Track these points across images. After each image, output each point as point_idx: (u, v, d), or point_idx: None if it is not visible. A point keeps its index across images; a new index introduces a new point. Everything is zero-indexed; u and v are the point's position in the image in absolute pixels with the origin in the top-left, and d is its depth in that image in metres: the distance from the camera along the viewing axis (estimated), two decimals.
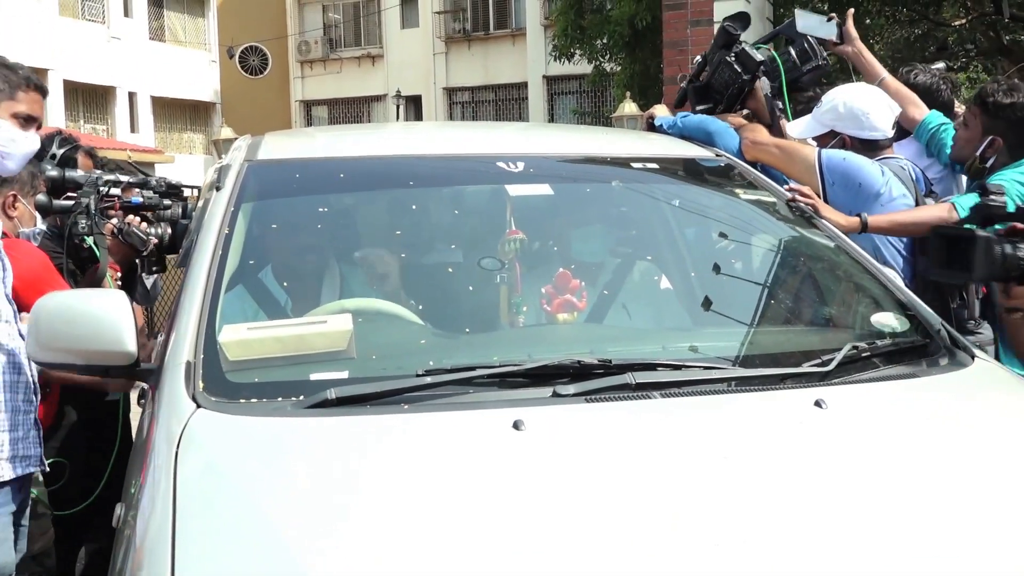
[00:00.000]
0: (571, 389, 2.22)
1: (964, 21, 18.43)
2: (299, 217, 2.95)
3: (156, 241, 3.77)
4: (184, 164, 26.85)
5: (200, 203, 3.23)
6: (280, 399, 2.20)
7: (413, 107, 31.71)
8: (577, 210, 3.19)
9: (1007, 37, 18.32)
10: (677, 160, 3.37)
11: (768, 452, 2.05)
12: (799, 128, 3.77)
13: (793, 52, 3.92)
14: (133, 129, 29.54)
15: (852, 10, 4.21)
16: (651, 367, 2.34)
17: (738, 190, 3.23)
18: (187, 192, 4.11)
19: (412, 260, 2.97)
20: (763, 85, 3.88)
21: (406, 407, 2.16)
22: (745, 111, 3.94)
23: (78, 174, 3.70)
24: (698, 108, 3.93)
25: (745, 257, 3.14)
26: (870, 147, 3.65)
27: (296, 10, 33.35)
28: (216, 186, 2.91)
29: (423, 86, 31.79)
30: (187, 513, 1.81)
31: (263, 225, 2.90)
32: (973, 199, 3.32)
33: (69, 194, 3.64)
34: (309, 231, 2.94)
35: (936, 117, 3.88)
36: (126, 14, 29.70)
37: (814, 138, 3.74)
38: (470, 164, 3.19)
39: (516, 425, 2.05)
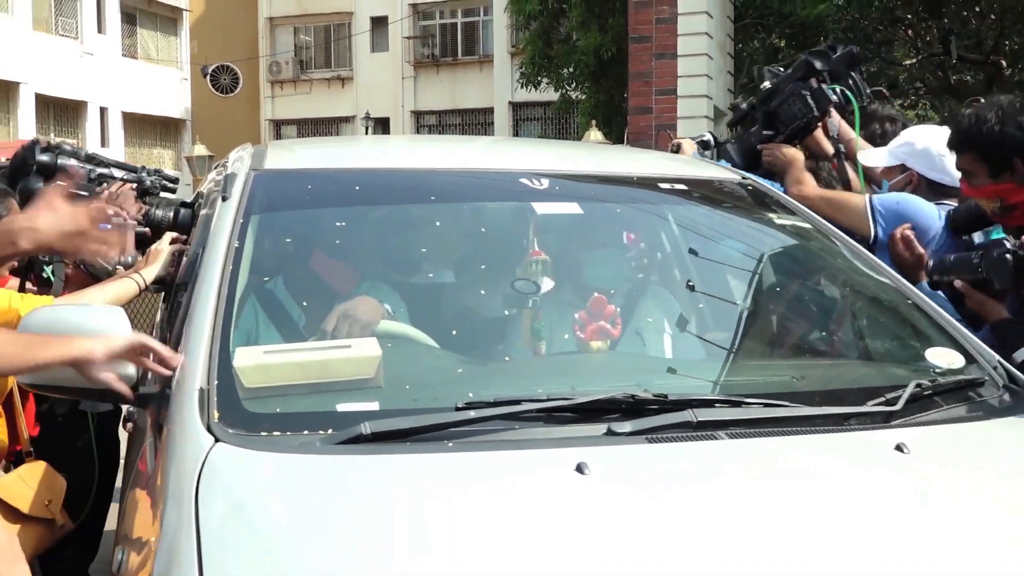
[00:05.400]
0: (627, 427, 1.94)
1: (914, 61, 18.59)
2: (314, 231, 2.65)
3: (122, 270, 3.42)
4: None
5: (202, 214, 2.91)
6: (306, 432, 1.90)
7: (381, 129, 31.39)
8: (603, 231, 2.92)
9: (954, 77, 18.49)
10: (705, 182, 3.09)
11: (861, 505, 1.78)
12: (872, 157, 3.53)
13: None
14: (104, 143, 28.96)
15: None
16: (708, 403, 2.06)
17: (771, 215, 2.96)
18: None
19: (436, 280, 2.68)
20: (832, 124, 3.63)
21: (450, 444, 1.87)
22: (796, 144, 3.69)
23: (70, 162, 3.36)
24: (763, 133, 3.66)
25: (785, 284, 2.88)
26: (937, 190, 3.38)
27: (268, 31, 32.95)
28: (223, 196, 2.60)
29: (391, 108, 31.52)
30: (216, 567, 1.52)
31: (276, 239, 2.60)
32: None
33: None
34: (326, 246, 2.64)
35: None
36: (99, 30, 29.24)
37: (882, 170, 3.50)
38: (491, 180, 2.90)
39: (579, 468, 1.77)
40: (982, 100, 3.92)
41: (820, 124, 3.66)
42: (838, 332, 2.73)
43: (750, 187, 3.11)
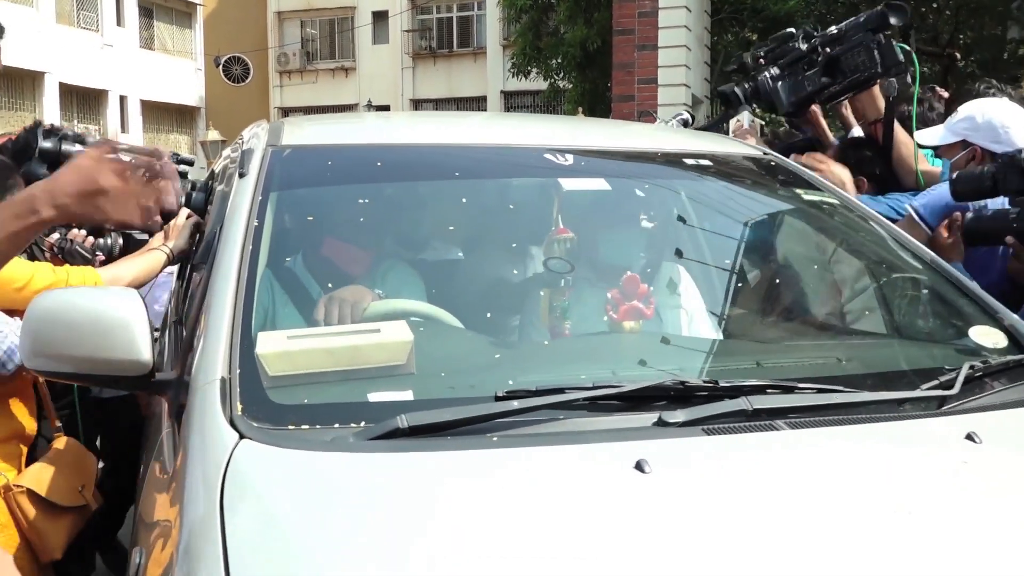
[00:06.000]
0: (680, 416, 1.64)
1: None
2: (336, 208, 2.32)
3: (103, 257, 3.04)
4: None
5: (218, 191, 2.58)
6: (337, 426, 1.59)
7: None
8: (630, 208, 2.59)
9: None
10: (733, 157, 2.77)
11: (943, 501, 1.49)
12: (930, 137, 3.14)
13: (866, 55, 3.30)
14: (123, 130, 28.41)
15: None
16: (760, 389, 1.76)
17: (799, 190, 2.64)
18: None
19: (461, 259, 2.36)
20: (890, 86, 3.23)
21: (495, 438, 1.56)
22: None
23: (75, 148, 2.97)
24: (821, 80, 3.22)
25: (818, 262, 2.57)
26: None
27: (276, 24, 32.42)
28: (240, 172, 2.27)
29: (391, 97, 31.06)
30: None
31: (297, 217, 2.27)
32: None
33: None
34: (349, 224, 2.32)
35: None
36: (119, 23, 28.64)
37: (940, 148, 3.11)
38: (516, 155, 2.57)
39: (639, 466, 1.47)
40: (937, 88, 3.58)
41: (878, 82, 3.27)
42: (876, 311, 2.42)
43: (773, 163, 2.80)
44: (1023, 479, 1.59)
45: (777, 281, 2.49)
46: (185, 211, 2.71)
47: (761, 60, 3.55)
